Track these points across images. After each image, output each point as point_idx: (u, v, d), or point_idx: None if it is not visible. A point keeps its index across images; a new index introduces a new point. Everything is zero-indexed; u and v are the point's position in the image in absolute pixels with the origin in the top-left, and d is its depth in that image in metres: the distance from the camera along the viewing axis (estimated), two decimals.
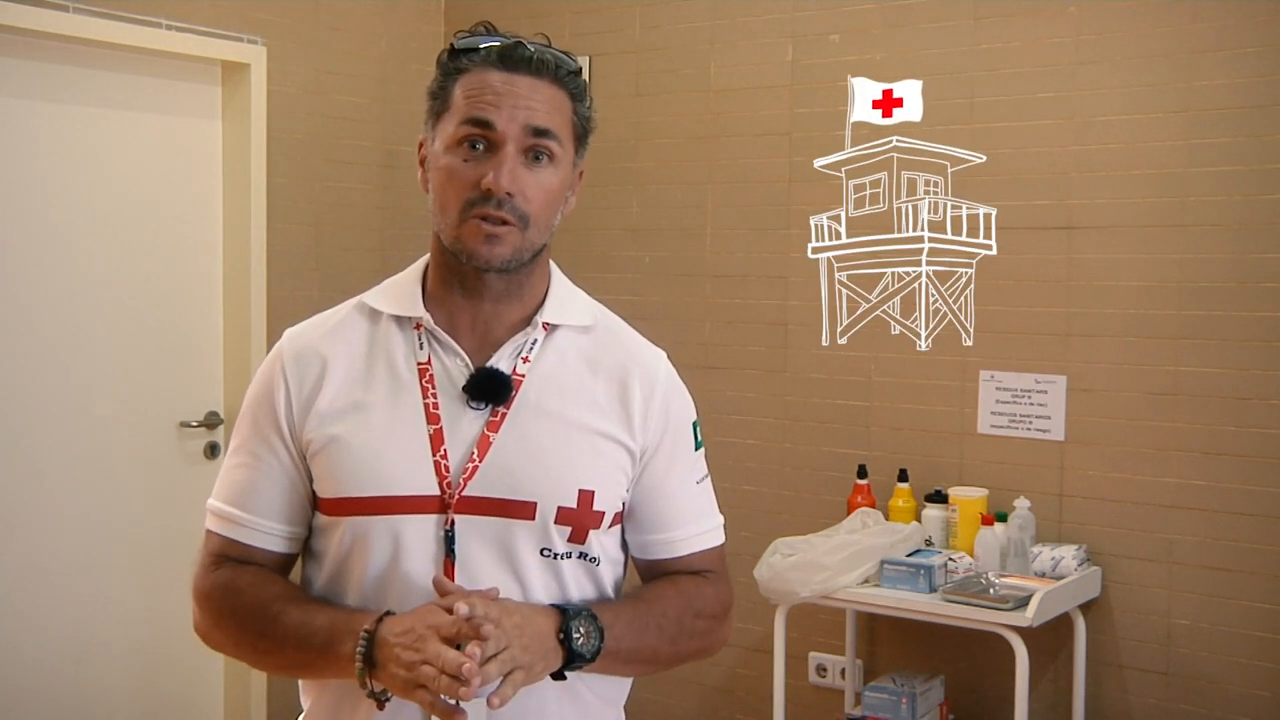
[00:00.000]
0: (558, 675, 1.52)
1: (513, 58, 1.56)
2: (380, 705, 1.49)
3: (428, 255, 1.66)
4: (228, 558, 1.63)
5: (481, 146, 1.55)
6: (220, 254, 4.08)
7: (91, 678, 3.78)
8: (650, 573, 1.71)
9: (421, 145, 1.64)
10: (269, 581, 1.60)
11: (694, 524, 1.70)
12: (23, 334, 3.63)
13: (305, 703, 1.66)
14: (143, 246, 3.89)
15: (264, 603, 1.57)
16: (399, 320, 1.63)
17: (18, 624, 3.62)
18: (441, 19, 4.61)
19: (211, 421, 4.04)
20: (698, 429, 1.72)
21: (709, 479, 1.74)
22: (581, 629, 1.52)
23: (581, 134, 1.62)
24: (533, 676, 1.48)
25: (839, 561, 3.35)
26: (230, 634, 1.61)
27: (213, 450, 4.03)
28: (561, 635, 1.51)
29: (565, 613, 1.52)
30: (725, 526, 1.75)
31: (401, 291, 1.65)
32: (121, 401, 3.85)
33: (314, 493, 1.61)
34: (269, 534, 1.62)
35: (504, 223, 1.54)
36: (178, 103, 3.95)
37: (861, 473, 3.72)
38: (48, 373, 3.68)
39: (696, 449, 1.71)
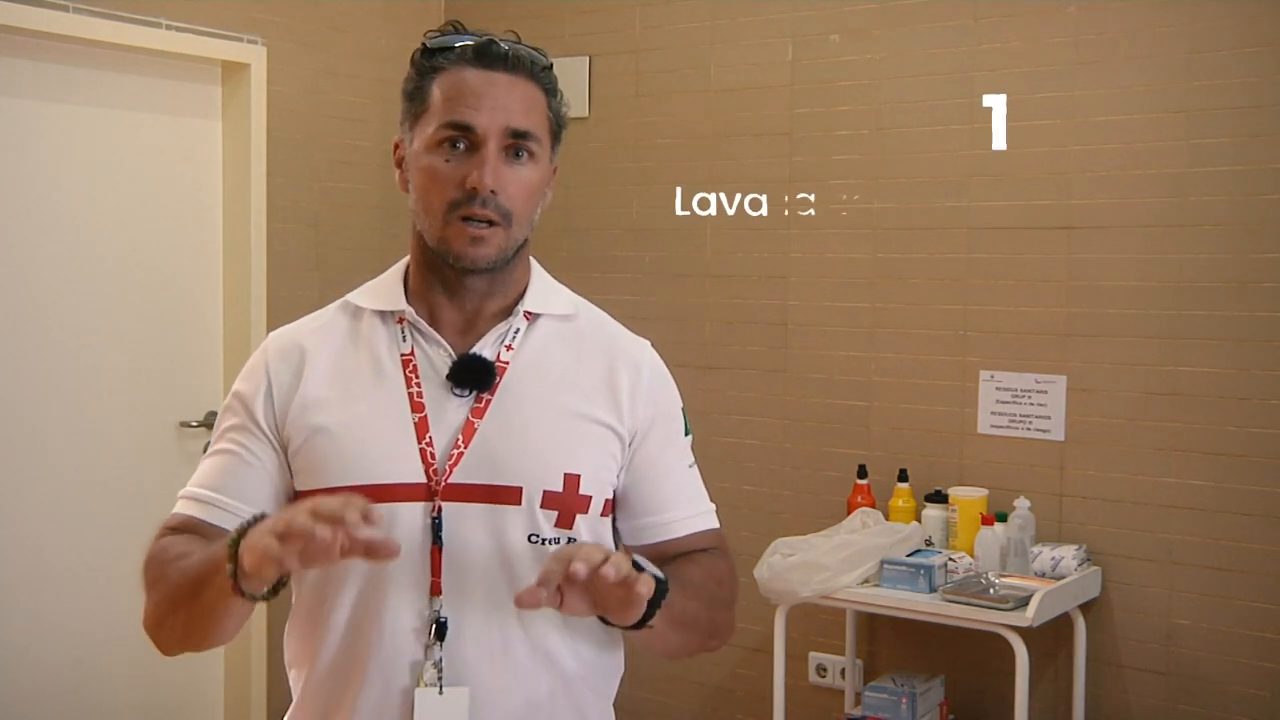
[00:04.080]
0: (639, 625, 1.45)
1: (488, 55, 1.58)
2: (238, 591, 1.37)
3: (409, 256, 1.67)
4: (176, 530, 1.57)
5: (462, 146, 1.56)
6: (220, 254, 4.08)
7: (91, 678, 3.78)
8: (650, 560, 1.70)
9: (398, 146, 1.65)
10: (203, 539, 1.53)
11: (688, 505, 1.69)
12: (23, 334, 3.63)
13: (295, 691, 1.65)
14: (143, 246, 3.89)
15: (189, 549, 1.51)
16: (381, 315, 1.64)
17: (18, 624, 3.62)
18: (441, 19, 4.60)
19: (211, 421, 4.03)
20: (685, 415, 1.73)
21: (696, 467, 1.73)
22: (644, 566, 1.44)
23: (556, 130, 1.64)
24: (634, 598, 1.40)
25: (839, 561, 3.35)
26: (158, 591, 1.52)
27: None
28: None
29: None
30: (725, 527, 1.75)
31: (383, 288, 1.67)
32: (121, 401, 3.85)
33: (295, 491, 1.59)
34: (241, 517, 1.49)
35: (489, 223, 1.55)
36: (178, 103, 3.95)
37: (861, 473, 3.72)
38: (48, 373, 3.68)
39: (685, 435, 1.71)
